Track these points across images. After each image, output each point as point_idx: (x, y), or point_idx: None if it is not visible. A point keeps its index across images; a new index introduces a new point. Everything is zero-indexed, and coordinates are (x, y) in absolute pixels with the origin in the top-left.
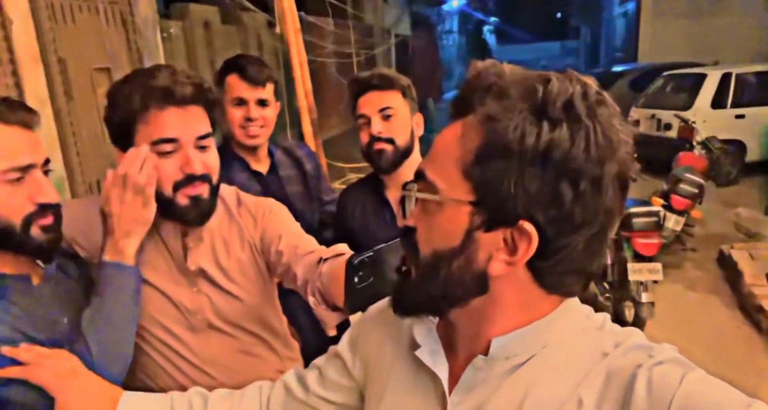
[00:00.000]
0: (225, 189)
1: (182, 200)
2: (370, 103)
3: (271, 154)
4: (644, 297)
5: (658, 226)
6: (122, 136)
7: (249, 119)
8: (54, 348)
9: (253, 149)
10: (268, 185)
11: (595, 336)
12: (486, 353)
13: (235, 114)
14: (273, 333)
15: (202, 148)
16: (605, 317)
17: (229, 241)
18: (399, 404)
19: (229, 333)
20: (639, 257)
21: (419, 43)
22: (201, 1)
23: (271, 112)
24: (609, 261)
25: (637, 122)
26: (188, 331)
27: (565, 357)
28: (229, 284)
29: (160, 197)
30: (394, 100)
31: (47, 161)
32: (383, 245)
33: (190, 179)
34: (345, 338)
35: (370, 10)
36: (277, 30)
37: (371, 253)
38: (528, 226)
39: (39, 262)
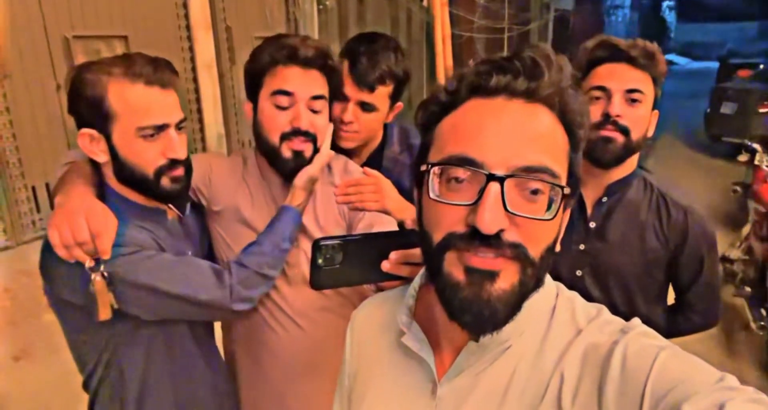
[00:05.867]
0: (335, 157)
1: (286, 152)
2: (616, 77)
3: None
4: None
5: None
6: (253, 87)
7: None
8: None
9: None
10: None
11: (568, 313)
12: (476, 338)
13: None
14: (361, 297)
15: (315, 112)
16: (573, 294)
17: (329, 203)
18: (388, 391)
19: None
20: None
21: (581, 19)
22: None
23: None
24: None
25: None
26: (286, 283)
27: (544, 334)
28: None
29: (268, 144)
30: (646, 84)
31: (182, 121)
32: (356, 235)
33: (296, 133)
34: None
35: None
36: (424, 3)
37: (339, 240)
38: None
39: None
